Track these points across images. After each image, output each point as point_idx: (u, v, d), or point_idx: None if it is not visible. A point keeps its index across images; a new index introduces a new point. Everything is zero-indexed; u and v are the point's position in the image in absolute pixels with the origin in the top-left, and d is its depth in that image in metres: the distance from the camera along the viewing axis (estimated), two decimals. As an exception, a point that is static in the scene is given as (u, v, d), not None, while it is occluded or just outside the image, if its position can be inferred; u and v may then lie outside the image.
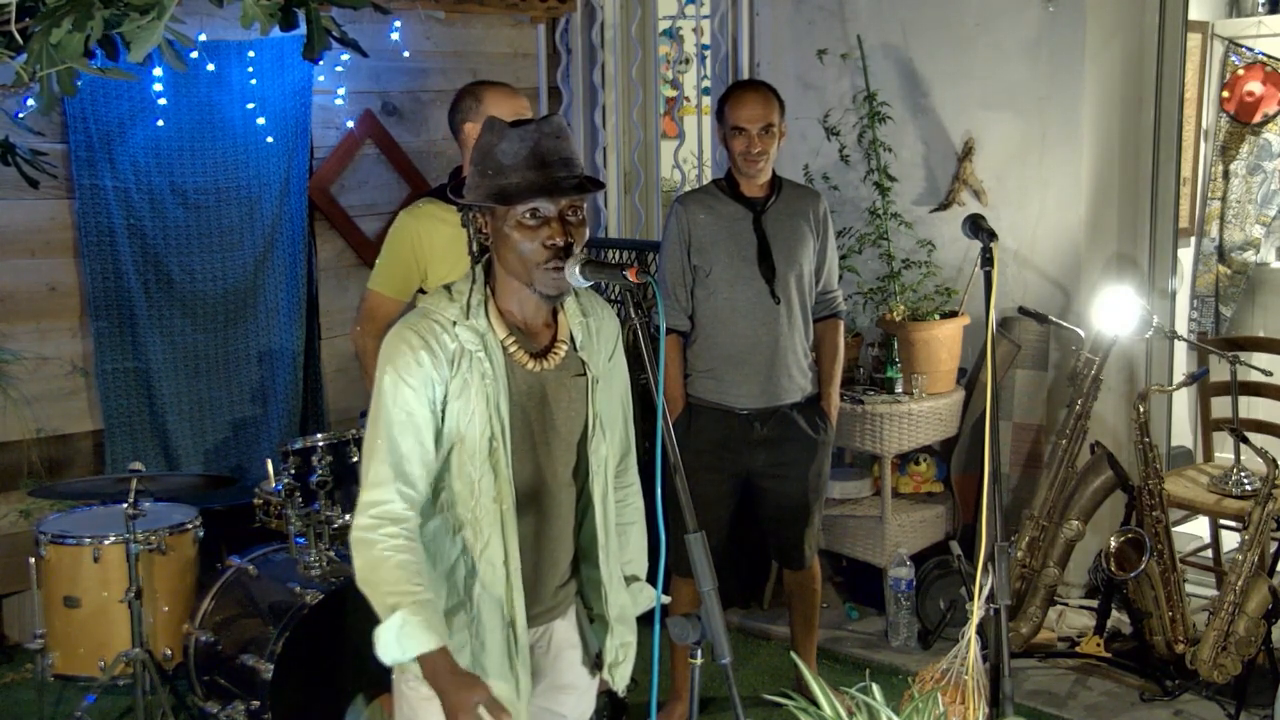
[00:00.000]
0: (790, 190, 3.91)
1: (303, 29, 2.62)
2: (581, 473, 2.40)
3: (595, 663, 2.49)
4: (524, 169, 2.18)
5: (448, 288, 2.29)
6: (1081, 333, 4.56)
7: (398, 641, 2.09)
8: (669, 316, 3.84)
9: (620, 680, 2.47)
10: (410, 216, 3.49)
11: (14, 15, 2.31)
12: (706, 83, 6.01)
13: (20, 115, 4.30)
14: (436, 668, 2.11)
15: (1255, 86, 5.78)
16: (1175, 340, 4.85)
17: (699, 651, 2.06)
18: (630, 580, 2.51)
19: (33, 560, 3.86)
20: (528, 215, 2.18)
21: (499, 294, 2.29)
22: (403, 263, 3.47)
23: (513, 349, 2.27)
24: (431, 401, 2.21)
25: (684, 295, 3.85)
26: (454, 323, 2.23)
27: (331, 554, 3.82)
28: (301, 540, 3.84)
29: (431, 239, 3.42)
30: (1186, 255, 5.85)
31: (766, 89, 3.83)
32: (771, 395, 3.84)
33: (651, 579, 2.35)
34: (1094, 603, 4.49)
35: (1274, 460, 3.98)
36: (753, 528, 4.10)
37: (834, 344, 4.00)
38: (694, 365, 3.89)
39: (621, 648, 2.45)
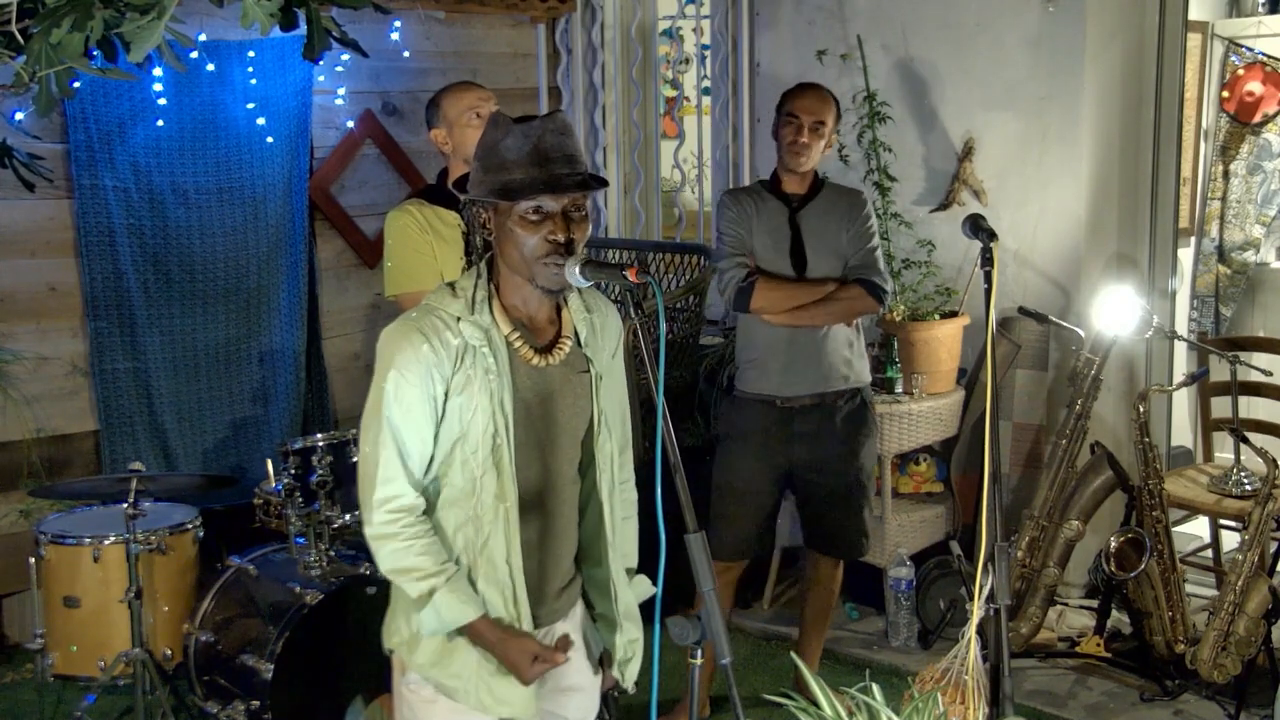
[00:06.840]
0: (831, 190, 3.96)
1: (303, 29, 2.62)
2: (586, 469, 2.40)
3: (598, 663, 2.49)
4: (527, 165, 2.18)
5: (451, 284, 2.29)
6: (1081, 333, 4.55)
7: (439, 618, 2.21)
8: (741, 267, 3.80)
9: (630, 677, 2.48)
10: (398, 212, 3.57)
11: (14, 15, 2.31)
12: (706, 83, 6.01)
13: (17, 115, 4.30)
14: (483, 632, 2.25)
15: (1255, 86, 5.78)
16: (1175, 340, 4.85)
17: (699, 651, 2.06)
18: (626, 573, 2.51)
19: (33, 560, 3.86)
20: (530, 211, 2.19)
21: (502, 290, 2.29)
22: (415, 251, 3.48)
23: (517, 344, 2.27)
24: (432, 398, 2.21)
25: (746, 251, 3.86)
26: (458, 318, 2.23)
27: (331, 554, 3.82)
28: (301, 540, 3.84)
29: (422, 226, 3.49)
30: (1186, 255, 5.85)
31: (828, 92, 3.91)
32: (813, 384, 3.88)
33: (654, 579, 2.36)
34: (1094, 603, 4.49)
35: (1274, 460, 3.98)
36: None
37: (845, 291, 3.87)
38: (739, 357, 3.98)
39: (630, 644, 2.46)
